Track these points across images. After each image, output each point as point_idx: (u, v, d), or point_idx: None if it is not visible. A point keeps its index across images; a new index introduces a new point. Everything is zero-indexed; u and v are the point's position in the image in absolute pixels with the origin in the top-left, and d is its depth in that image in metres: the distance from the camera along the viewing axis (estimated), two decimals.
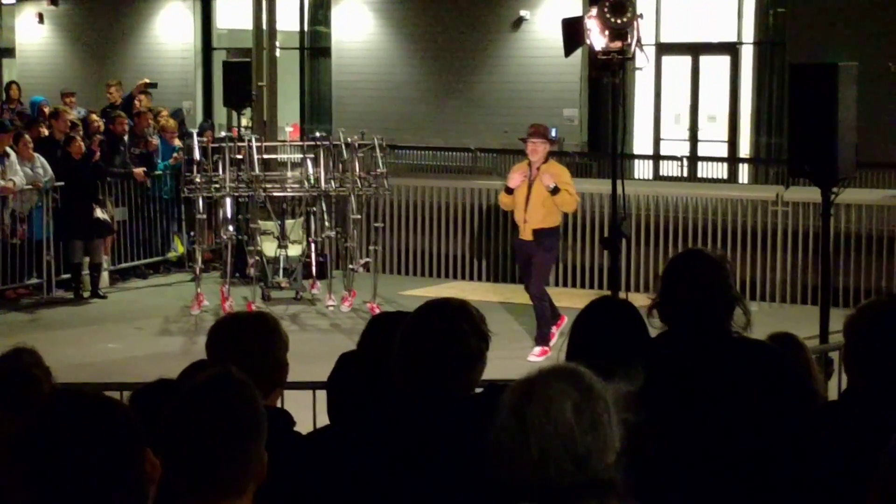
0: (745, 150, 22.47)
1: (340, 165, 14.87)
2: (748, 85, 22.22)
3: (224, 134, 15.87)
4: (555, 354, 11.73)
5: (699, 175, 21.51)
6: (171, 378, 4.13)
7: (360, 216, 14.71)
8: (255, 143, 14.51)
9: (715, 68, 22.42)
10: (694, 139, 22.59)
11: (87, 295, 15.40)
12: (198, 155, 14.63)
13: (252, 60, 17.13)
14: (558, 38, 11.63)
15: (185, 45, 26.26)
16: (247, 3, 18.66)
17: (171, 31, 26.27)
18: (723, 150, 22.38)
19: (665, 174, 21.92)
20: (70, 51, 27.21)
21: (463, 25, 23.31)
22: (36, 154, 15.24)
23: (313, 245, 15.03)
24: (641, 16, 10.66)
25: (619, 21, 10.35)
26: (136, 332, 13.66)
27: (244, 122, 17.52)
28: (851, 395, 4.08)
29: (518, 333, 13.05)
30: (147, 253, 16.81)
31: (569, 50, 11.49)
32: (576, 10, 19.68)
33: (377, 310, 13.41)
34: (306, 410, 6.03)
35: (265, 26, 17.00)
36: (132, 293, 15.98)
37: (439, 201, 16.80)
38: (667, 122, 22.88)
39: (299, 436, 4.02)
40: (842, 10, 20.21)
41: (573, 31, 11.06)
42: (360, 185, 14.53)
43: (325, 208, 14.79)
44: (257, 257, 14.54)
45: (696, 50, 22.48)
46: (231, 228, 14.54)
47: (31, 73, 26.50)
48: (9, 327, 13.68)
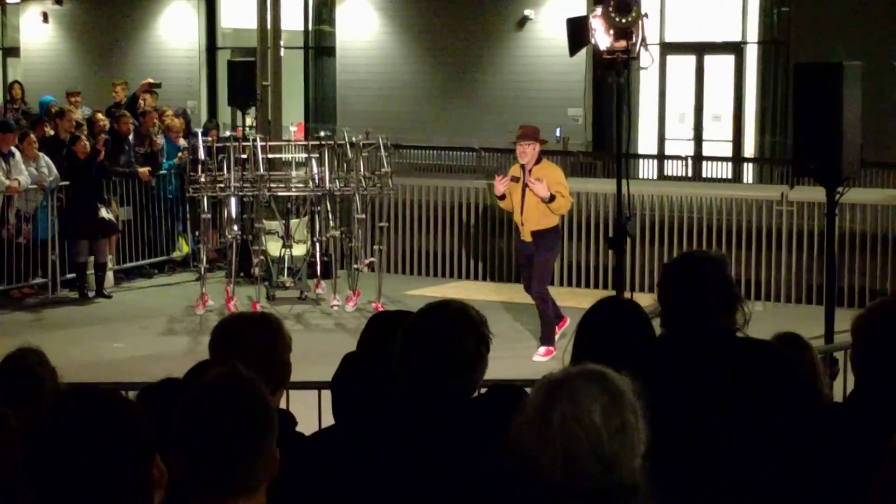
0: (749, 149, 22.46)
1: (345, 165, 14.87)
2: (752, 84, 22.22)
3: (229, 133, 15.89)
4: (559, 354, 11.74)
5: (704, 175, 21.50)
6: (177, 377, 4.13)
7: (364, 216, 14.71)
8: (259, 143, 14.52)
9: (719, 68, 22.42)
10: (698, 139, 22.59)
11: (91, 294, 15.41)
12: (202, 154, 14.64)
13: (256, 60, 17.13)
14: (563, 37, 11.63)
15: (190, 44, 26.27)
16: (251, 3, 18.66)
17: (175, 31, 26.28)
18: (727, 150, 22.37)
19: (669, 174, 21.91)
20: (74, 50, 27.23)
21: (467, 25, 23.31)
22: (41, 153, 15.25)
23: (318, 245, 15.03)
24: (646, 15, 10.66)
25: (623, 20, 10.35)
26: (141, 332, 13.66)
27: (248, 121, 17.51)
28: (858, 396, 4.07)
29: (522, 334, 13.05)
30: (152, 252, 16.81)
31: (573, 49, 11.49)
32: (580, 10, 19.68)
33: (381, 309, 13.41)
34: (311, 410, 6.03)
35: (270, 26, 17.00)
36: (137, 293, 15.99)
37: (444, 201, 16.79)
38: (671, 121, 22.87)
39: (301, 436, 4.02)
40: (846, 9, 20.20)
41: (578, 30, 11.06)
42: (364, 184, 14.53)
43: (329, 208, 14.80)
44: (262, 257, 14.55)
45: (700, 49, 22.47)
46: (236, 228, 14.54)
47: (35, 73, 26.53)
48: (14, 327, 13.68)
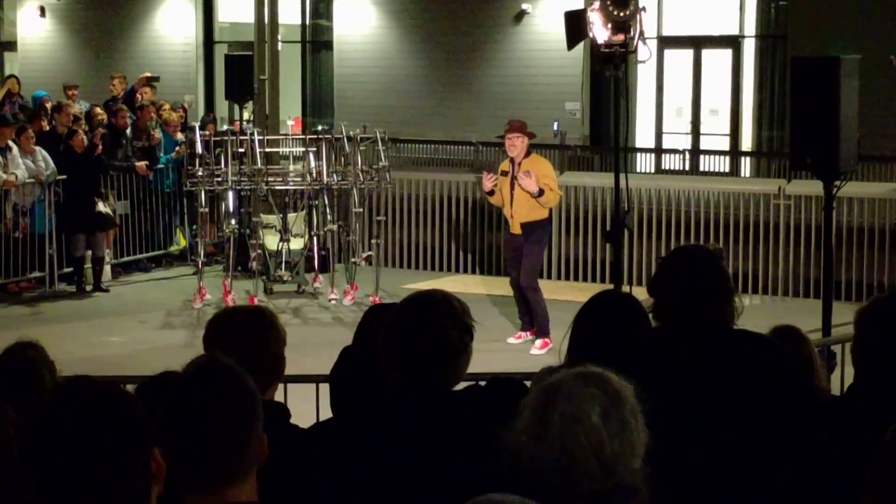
0: (747, 143, 22.45)
1: (342, 159, 14.87)
2: (750, 78, 22.20)
3: (226, 127, 15.88)
4: (556, 346, 11.74)
5: (701, 168, 21.48)
6: (176, 371, 4.13)
7: (362, 210, 14.72)
8: (257, 137, 14.51)
9: (717, 62, 22.40)
10: (696, 132, 22.57)
11: (89, 288, 15.40)
12: (200, 148, 14.63)
13: (254, 54, 17.11)
14: (560, 31, 11.64)
15: (187, 38, 26.23)
16: None
17: (172, 25, 26.24)
18: (725, 144, 22.35)
19: (667, 168, 21.89)
20: (71, 44, 27.19)
21: (464, 19, 23.29)
22: (38, 147, 15.24)
23: (315, 239, 15.03)
24: (644, 9, 10.67)
25: (621, 14, 10.36)
26: (139, 326, 13.67)
27: (246, 115, 17.50)
28: (858, 390, 4.07)
29: (519, 327, 13.04)
30: (149, 246, 16.81)
31: (571, 43, 11.50)
32: (577, 3, 19.62)
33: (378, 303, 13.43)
34: (309, 404, 6.04)
35: (267, 20, 16.98)
36: (134, 287, 15.98)
37: (441, 195, 16.79)
38: (669, 115, 22.85)
39: (296, 428, 4.03)
40: (843, 3, 20.19)
41: (576, 24, 11.07)
42: (362, 178, 14.53)
43: (327, 202, 14.79)
44: (259, 251, 14.55)
45: (698, 43, 22.46)
46: (233, 222, 14.54)
47: (32, 67, 26.48)
48: (12, 321, 13.68)
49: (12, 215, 14.99)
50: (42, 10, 27.30)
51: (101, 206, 15.38)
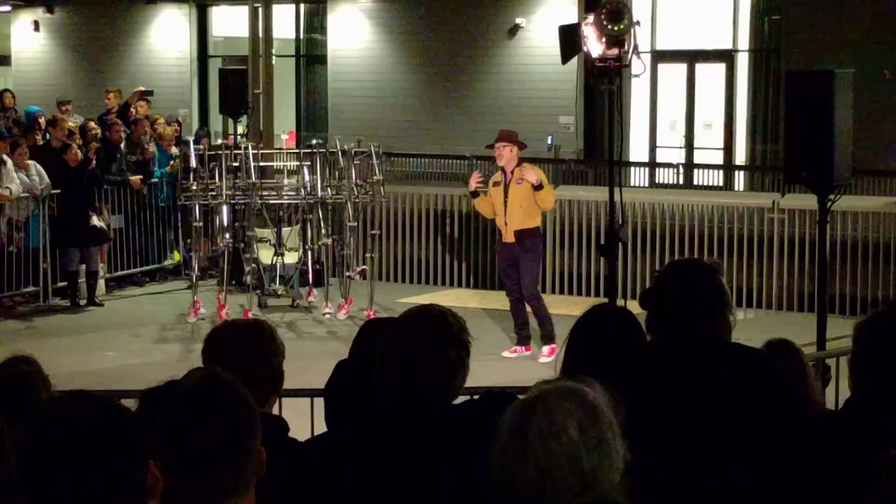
0: (741, 157, 22.47)
1: (337, 173, 14.87)
2: (744, 92, 22.24)
3: (220, 141, 15.88)
4: (552, 357, 11.76)
5: (695, 182, 21.52)
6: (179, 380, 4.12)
7: (356, 223, 14.72)
8: (251, 151, 14.51)
9: (711, 76, 22.44)
10: (690, 146, 22.60)
11: (83, 303, 15.38)
12: (194, 162, 14.63)
13: (248, 68, 17.13)
14: (554, 45, 11.64)
15: (181, 52, 26.26)
16: (243, 11, 18.69)
17: (167, 39, 26.27)
18: (719, 158, 22.39)
19: (661, 181, 21.92)
20: (66, 58, 27.21)
21: (458, 33, 23.32)
22: (32, 162, 15.23)
23: (310, 252, 15.02)
24: (638, 23, 10.68)
25: (615, 28, 10.36)
26: (133, 340, 13.64)
27: (240, 129, 17.52)
28: (857, 403, 4.06)
29: (515, 341, 13.02)
30: (143, 261, 16.79)
31: (566, 57, 11.50)
32: (571, 18, 19.68)
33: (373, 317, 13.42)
34: (304, 417, 6.02)
35: (261, 34, 17.01)
36: (129, 301, 15.96)
37: (436, 209, 16.79)
38: (663, 129, 22.89)
39: (294, 441, 4.02)
40: (837, 17, 20.23)
41: (570, 38, 11.07)
42: (356, 192, 14.53)
43: (321, 216, 14.79)
44: (254, 265, 14.54)
45: (691, 57, 22.50)
46: (228, 236, 14.53)
47: (26, 81, 26.50)
48: (5, 335, 13.65)
49: (6, 229, 14.97)
50: (36, 24, 27.33)
51: (96, 221, 15.37)
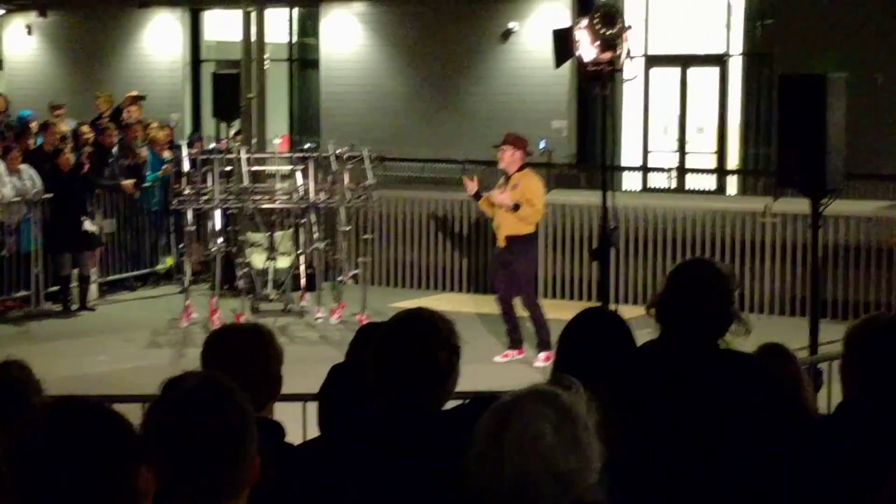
0: (733, 161, 22.48)
1: (329, 177, 14.86)
2: (736, 96, 22.25)
3: (213, 146, 15.86)
4: (538, 361, 11.76)
5: (688, 187, 21.53)
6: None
7: (349, 228, 14.71)
8: (244, 155, 14.50)
9: (703, 80, 22.45)
10: (682, 151, 22.60)
11: (75, 307, 15.36)
12: (187, 167, 14.62)
13: (241, 72, 17.12)
14: (547, 49, 11.67)
15: (174, 57, 26.24)
16: (236, 16, 18.67)
17: (159, 43, 26.25)
18: (711, 162, 22.40)
19: (654, 186, 21.93)
20: (58, 63, 27.17)
21: (451, 37, 23.31)
22: (24, 166, 15.21)
23: (302, 257, 15.01)
24: (631, 27, 10.70)
25: (608, 32, 10.38)
26: (125, 345, 13.63)
27: (232, 132, 17.51)
28: (847, 408, 4.06)
29: (506, 345, 13.01)
30: (136, 265, 16.78)
31: (559, 61, 11.52)
32: (564, 22, 19.67)
33: (367, 321, 13.39)
34: (296, 422, 6.01)
35: (254, 38, 16.99)
36: (121, 305, 15.95)
37: (428, 213, 16.80)
38: (655, 133, 22.89)
39: (290, 447, 4.02)
40: (830, 21, 20.24)
41: (563, 42, 11.08)
42: (349, 196, 14.53)
43: (314, 220, 14.77)
44: (246, 269, 14.52)
45: (684, 61, 22.50)
46: (220, 240, 14.51)
47: (19, 85, 26.45)
48: None
49: None
50: (29, 28, 27.29)
51: (88, 225, 15.35)
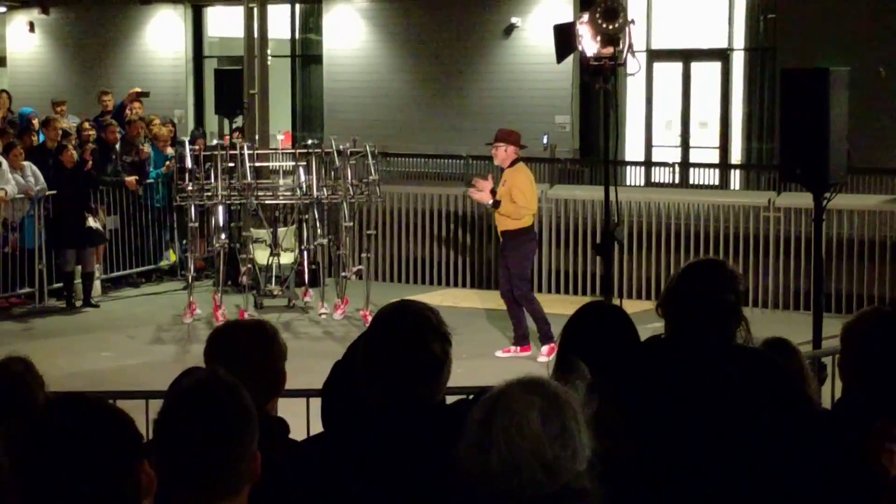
0: (736, 156, 22.48)
1: (332, 173, 14.85)
2: (739, 91, 22.25)
3: (216, 142, 15.86)
4: (541, 355, 11.75)
5: (691, 181, 21.52)
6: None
7: (352, 224, 14.70)
8: (247, 151, 14.50)
9: (706, 74, 22.45)
10: (685, 145, 22.61)
11: (79, 304, 15.37)
12: (190, 163, 14.61)
13: (243, 68, 17.11)
14: (549, 44, 11.65)
15: (177, 53, 26.25)
16: (238, 12, 18.66)
17: (162, 40, 26.26)
18: (714, 157, 22.40)
19: (657, 181, 21.93)
20: (61, 59, 27.19)
21: (454, 33, 23.32)
22: (27, 163, 15.21)
23: (306, 253, 15.00)
24: (633, 22, 10.69)
25: (610, 27, 10.37)
26: (129, 341, 13.63)
27: (235, 125, 17.52)
28: (846, 402, 4.06)
29: (510, 340, 13.02)
30: (139, 262, 16.78)
31: (561, 56, 11.52)
32: (566, 17, 19.68)
33: (369, 317, 13.39)
34: (299, 418, 6.02)
35: (256, 34, 16.97)
36: (124, 302, 15.95)
37: (431, 208, 16.79)
38: (658, 128, 22.89)
39: (295, 443, 4.02)
40: (832, 15, 20.24)
41: (565, 37, 11.08)
42: (352, 192, 14.52)
43: (317, 216, 14.76)
44: (250, 265, 14.51)
45: (687, 56, 22.50)
46: (223, 236, 14.50)
47: (22, 82, 26.47)
48: (1, 336, 13.64)
49: (2, 230, 14.95)
50: (31, 25, 27.31)
51: (91, 222, 15.36)
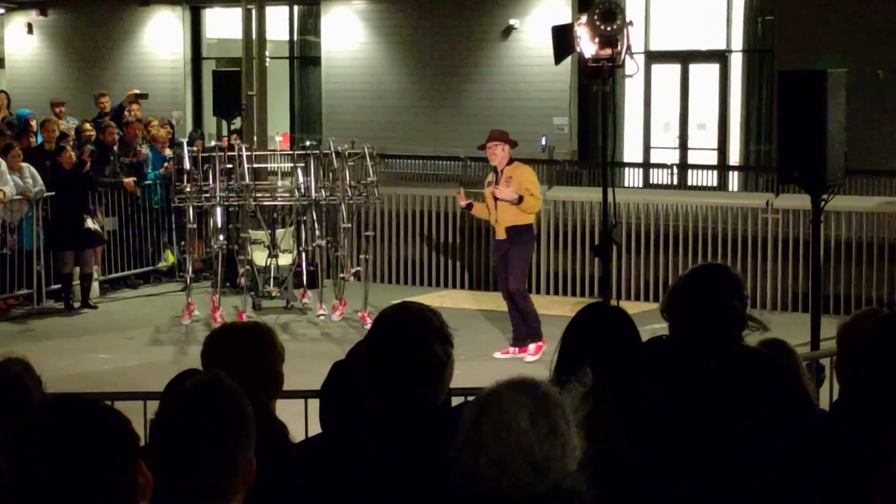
0: (734, 157, 22.48)
1: (331, 174, 14.86)
2: (737, 93, 22.25)
3: (214, 143, 15.86)
4: (546, 357, 11.74)
5: (689, 183, 21.51)
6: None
7: (350, 225, 14.70)
8: (245, 153, 14.50)
9: (704, 76, 22.44)
10: (683, 147, 22.60)
11: (77, 305, 15.36)
12: (188, 164, 14.61)
13: (242, 70, 17.11)
14: (548, 46, 11.66)
15: (175, 54, 26.24)
16: (236, 13, 18.67)
17: (160, 41, 26.25)
18: (712, 158, 22.39)
19: (655, 182, 21.92)
20: (59, 61, 27.18)
21: (452, 34, 23.31)
22: (25, 164, 15.21)
23: (304, 254, 15.01)
24: (631, 23, 10.69)
25: (608, 28, 10.38)
26: (127, 343, 13.63)
27: (233, 127, 17.52)
28: (843, 404, 4.06)
29: (509, 341, 13.02)
30: (137, 263, 16.77)
31: (559, 57, 11.52)
32: (565, 18, 19.68)
33: (368, 319, 13.41)
34: (298, 419, 6.02)
35: (255, 36, 16.98)
36: (122, 303, 15.94)
37: (430, 210, 16.79)
38: (656, 130, 22.89)
39: (293, 446, 4.01)
40: (830, 17, 20.24)
41: (563, 38, 11.08)
42: (350, 194, 14.52)
43: (315, 217, 14.77)
44: (248, 267, 14.51)
45: (685, 58, 22.50)
46: (221, 238, 14.51)
47: (20, 84, 26.46)
48: None
49: (0, 232, 14.95)
50: (29, 26, 27.29)
51: (90, 223, 15.35)
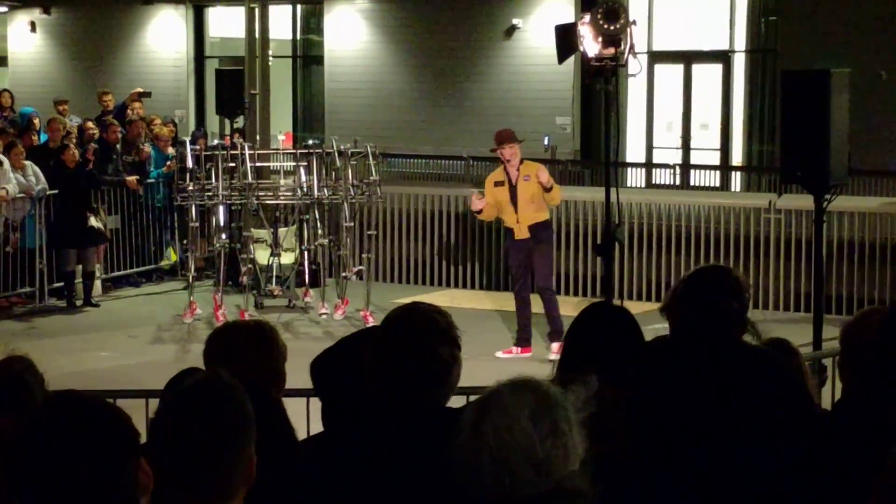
0: (737, 157, 22.49)
1: (333, 173, 14.86)
2: (740, 93, 22.25)
3: (216, 142, 15.86)
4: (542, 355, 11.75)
5: (692, 183, 21.52)
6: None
7: (352, 224, 14.71)
8: (247, 151, 14.50)
9: (707, 76, 22.45)
10: (686, 147, 22.61)
11: (79, 303, 15.36)
12: (190, 163, 14.62)
13: (244, 69, 17.11)
14: (551, 45, 11.65)
15: (178, 53, 26.25)
16: (239, 12, 18.67)
17: (163, 40, 26.26)
18: (715, 158, 22.39)
19: (657, 182, 21.92)
20: (62, 59, 27.19)
21: (455, 33, 23.32)
22: (28, 162, 15.21)
23: (306, 253, 15.01)
24: (634, 22, 10.69)
25: (612, 28, 10.37)
26: (129, 341, 13.63)
27: (236, 125, 17.51)
28: (846, 404, 4.06)
29: (512, 341, 13.01)
30: (140, 261, 16.78)
31: (562, 57, 11.51)
32: (568, 18, 19.66)
33: (370, 318, 13.41)
34: (300, 418, 6.02)
35: (258, 35, 16.98)
36: (125, 301, 15.95)
37: (432, 209, 16.79)
38: (659, 130, 22.88)
39: (296, 445, 4.01)
40: (834, 17, 20.24)
41: (566, 37, 11.07)
42: (352, 192, 14.53)
43: (317, 216, 14.77)
44: (250, 265, 14.52)
45: (688, 58, 22.50)
46: (224, 236, 14.51)
47: (23, 82, 26.46)
48: (1, 336, 13.63)
49: (2, 230, 14.95)
50: (32, 25, 27.31)
51: (92, 221, 15.35)
